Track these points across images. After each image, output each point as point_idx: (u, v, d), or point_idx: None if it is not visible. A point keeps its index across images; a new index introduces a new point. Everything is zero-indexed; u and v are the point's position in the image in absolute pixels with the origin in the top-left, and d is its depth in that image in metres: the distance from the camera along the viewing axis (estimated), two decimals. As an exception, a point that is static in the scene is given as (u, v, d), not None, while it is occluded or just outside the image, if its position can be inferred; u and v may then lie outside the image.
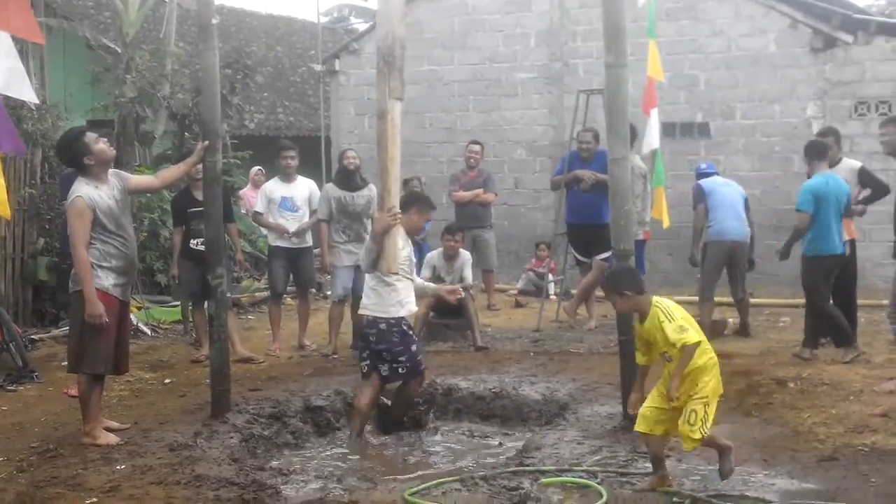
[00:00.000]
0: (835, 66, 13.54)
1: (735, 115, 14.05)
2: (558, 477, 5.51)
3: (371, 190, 9.50)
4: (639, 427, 5.35)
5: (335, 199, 9.48)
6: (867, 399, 7.13)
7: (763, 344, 9.50)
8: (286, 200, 9.79)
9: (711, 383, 5.22)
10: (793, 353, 8.57)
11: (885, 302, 7.94)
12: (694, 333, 5.14)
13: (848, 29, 13.50)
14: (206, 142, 6.90)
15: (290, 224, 9.75)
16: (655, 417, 5.26)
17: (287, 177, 9.91)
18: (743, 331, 10.04)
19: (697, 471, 5.65)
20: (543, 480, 5.44)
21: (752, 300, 12.06)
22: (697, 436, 5.10)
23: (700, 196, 10.02)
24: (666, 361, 5.27)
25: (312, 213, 9.86)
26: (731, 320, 10.52)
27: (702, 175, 10.35)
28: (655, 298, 5.36)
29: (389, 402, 7.30)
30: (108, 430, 6.53)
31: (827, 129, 9.69)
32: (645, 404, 5.34)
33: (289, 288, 10.79)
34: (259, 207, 9.93)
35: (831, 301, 8.63)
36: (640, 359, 5.48)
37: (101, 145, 6.50)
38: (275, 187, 9.91)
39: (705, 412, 5.14)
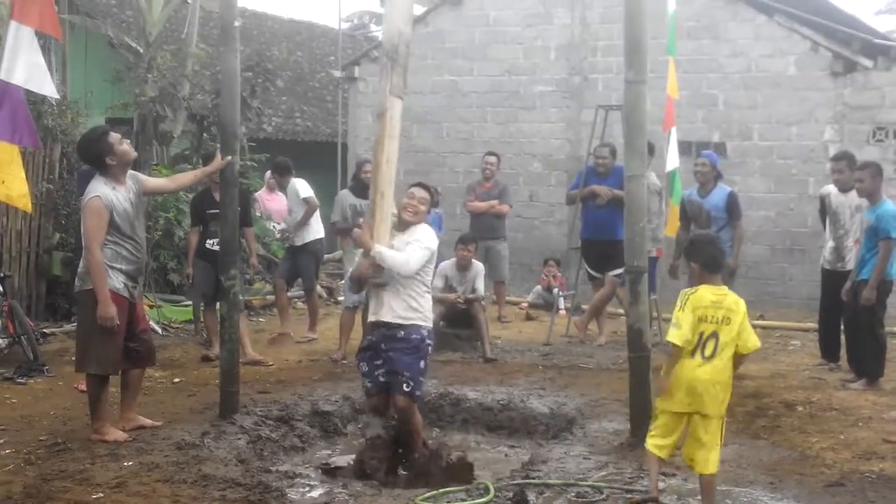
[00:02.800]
0: (854, 91, 13.52)
1: (752, 135, 14.03)
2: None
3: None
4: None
5: (350, 206, 9.55)
6: (876, 426, 7.12)
7: (773, 367, 9.47)
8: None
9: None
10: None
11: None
12: (674, 333, 5.16)
13: (868, 54, 13.48)
14: (229, 157, 6.93)
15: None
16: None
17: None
18: None
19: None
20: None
21: (763, 322, 12.06)
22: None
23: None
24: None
25: (302, 203, 10.50)
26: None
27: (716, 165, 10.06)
28: (713, 288, 5.27)
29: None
30: (141, 427, 6.58)
31: (842, 154, 9.67)
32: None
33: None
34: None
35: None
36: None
37: (124, 146, 6.54)
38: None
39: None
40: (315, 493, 5.53)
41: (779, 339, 11.28)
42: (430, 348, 6.32)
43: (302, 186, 10.46)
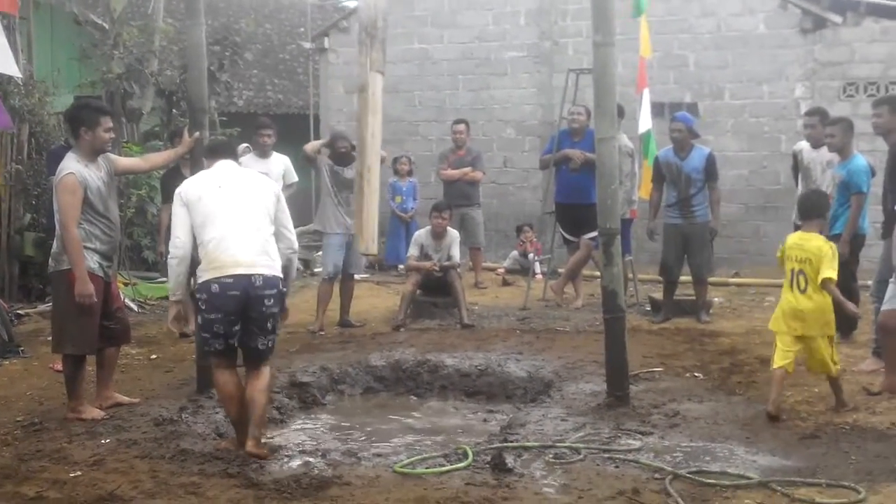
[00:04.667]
0: (824, 47, 13.55)
1: (724, 95, 14.06)
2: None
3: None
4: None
5: (327, 166, 9.57)
6: (849, 378, 7.17)
7: (748, 323, 9.55)
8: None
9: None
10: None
11: (870, 282, 7.97)
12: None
13: (837, 10, 13.50)
14: (197, 133, 6.88)
15: None
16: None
17: (263, 153, 10.06)
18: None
19: (679, 447, 5.69)
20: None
21: (738, 280, 12.16)
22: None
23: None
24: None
25: (287, 187, 10.01)
26: (716, 299, 10.57)
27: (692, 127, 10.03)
28: (802, 233, 6.45)
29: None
30: (119, 404, 6.57)
31: (814, 110, 9.72)
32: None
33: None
34: None
35: None
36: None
37: (106, 136, 6.46)
38: (251, 163, 10.00)
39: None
40: (294, 464, 5.53)
41: (754, 296, 11.38)
42: (202, 304, 5.72)
43: (289, 168, 10.30)
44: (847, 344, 8.34)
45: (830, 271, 6.15)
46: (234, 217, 5.70)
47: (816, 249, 6.22)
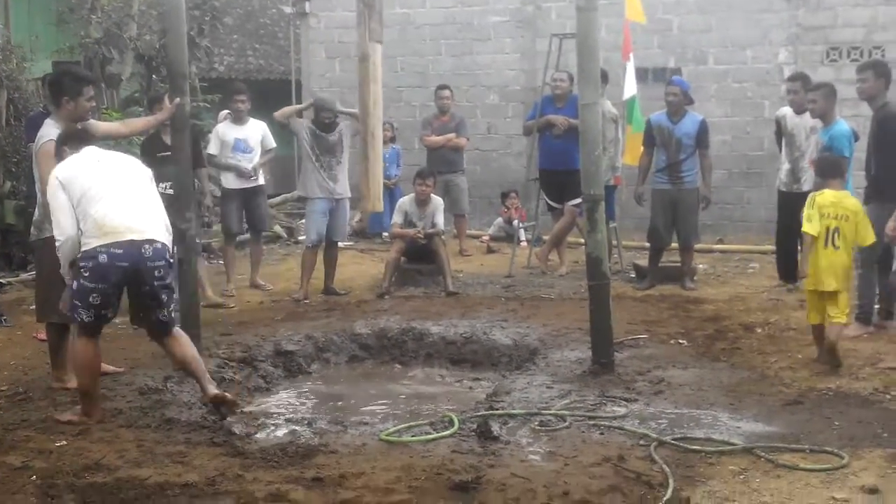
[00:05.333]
0: (807, 12, 13.50)
1: (707, 60, 14.00)
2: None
3: (344, 125, 9.76)
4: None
5: (308, 130, 9.58)
6: (833, 344, 7.22)
7: (732, 290, 9.59)
8: (240, 142, 9.95)
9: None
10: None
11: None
12: (808, 226, 6.68)
13: (821, -26, 13.45)
14: (178, 99, 6.82)
15: (243, 164, 9.91)
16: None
17: (239, 119, 10.03)
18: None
19: (664, 414, 5.71)
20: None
21: (722, 246, 12.19)
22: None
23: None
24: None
25: (265, 153, 10.11)
26: (700, 266, 10.60)
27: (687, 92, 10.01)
28: (834, 192, 6.85)
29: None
30: (104, 373, 6.50)
31: (797, 75, 9.73)
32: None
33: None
34: (212, 149, 9.99)
35: None
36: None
37: (88, 104, 6.39)
38: (227, 129, 10.04)
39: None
40: (280, 433, 5.54)
41: (738, 262, 11.41)
42: (84, 271, 5.50)
43: (267, 134, 10.23)
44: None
45: (872, 235, 6.82)
46: (121, 187, 5.67)
47: (854, 207, 6.82)
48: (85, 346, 5.64)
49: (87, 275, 5.49)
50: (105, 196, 5.56)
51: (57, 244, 5.62)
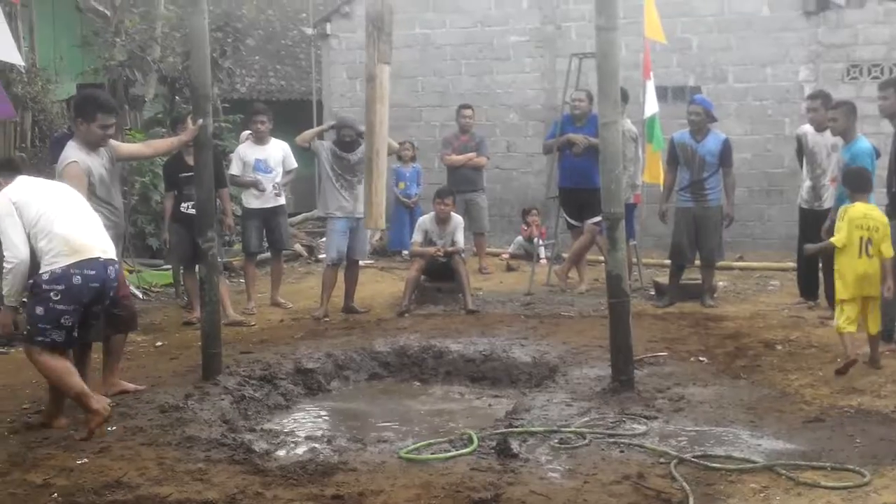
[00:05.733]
0: (827, 30, 13.49)
1: (727, 78, 14.01)
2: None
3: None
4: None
5: (329, 151, 9.64)
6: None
7: (753, 307, 9.56)
8: (260, 162, 10.02)
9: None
10: None
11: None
12: (836, 238, 7.12)
13: (841, -8, 13.44)
14: (201, 120, 6.88)
15: (266, 186, 9.97)
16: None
17: (260, 140, 10.11)
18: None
19: (684, 432, 5.69)
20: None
21: (742, 263, 12.15)
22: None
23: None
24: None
25: (287, 173, 10.20)
26: (720, 283, 10.57)
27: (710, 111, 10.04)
28: (865, 205, 7.19)
29: None
30: (124, 391, 6.57)
31: (817, 93, 9.71)
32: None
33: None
34: (234, 170, 10.07)
35: None
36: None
37: (100, 131, 6.44)
38: (248, 150, 10.12)
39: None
40: (300, 451, 5.55)
41: (758, 280, 11.38)
42: (54, 294, 5.57)
43: (288, 154, 10.31)
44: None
45: (891, 249, 7.05)
46: (74, 208, 5.79)
47: (882, 219, 7.12)
48: (50, 359, 5.69)
49: (58, 297, 5.56)
50: (65, 215, 5.67)
51: (8, 266, 5.62)
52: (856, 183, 7.40)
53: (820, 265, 9.08)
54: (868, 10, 13.31)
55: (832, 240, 7.17)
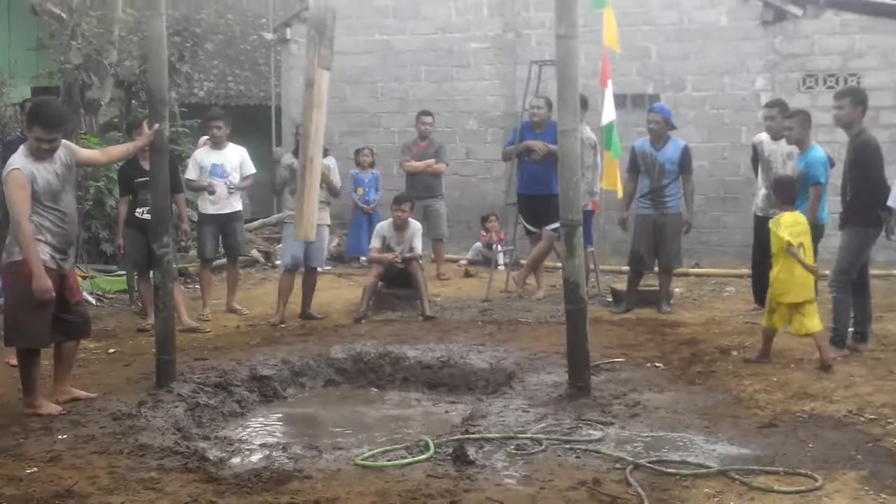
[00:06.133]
0: (784, 40, 13.64)
1: (686, 87, 14.12)
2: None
3: (330, 160, 9.70)
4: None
5: (287, 168, 9.52)
6: (807, 367, 7.29)
7: (708, 313, 9.62)
8: (217, 167, 9.95)
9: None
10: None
11: (828, 272, 8.05)
12: (788, 240, 7.27)
13: (798, 2, 13.58)
14: (157, 125, 6.80)
15: (219, 190, 9.89)
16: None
17: (217, 144, 10.06)
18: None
19: (640, 437, 5.71)
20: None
21: (698, 270, 12.23)
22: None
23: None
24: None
25: (244, 179, 10.13)
26: (677, 290, 10.63)
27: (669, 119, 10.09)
28: (792, 213, 7.49)
29: None
30: (76, 399, 6.47)
31: (774, 101, 9.82)
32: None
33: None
34: (190, 174, 9.98)
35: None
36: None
37: (36, 144, 6.22)
38: (205, 155, 10.06)
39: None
40: (254, 458, 5.49)
41: (714, 286, 11.46)
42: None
43: (246, 159, 10.23)
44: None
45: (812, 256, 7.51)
46: None
47: (806, 225, 7.45)
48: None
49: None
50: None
51: None
52: (786, 193, 7.66)
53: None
54: (824, 20, 13.48)
55: (787, 240, 7.26)
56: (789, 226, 7.31)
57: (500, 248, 12.36)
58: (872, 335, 8.07)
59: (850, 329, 7.80)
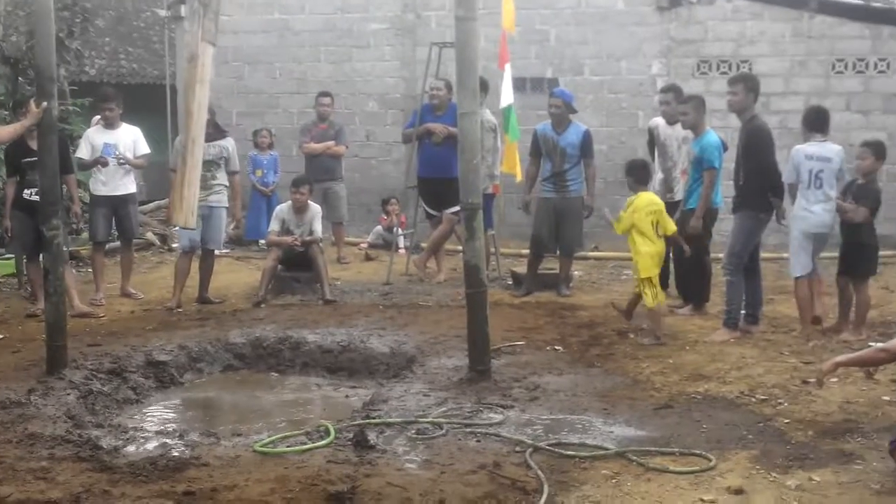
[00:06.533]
0: (679, 25, 13.86)
1: (584, 71, 14.24)
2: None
3: (228, 141, 9.68)
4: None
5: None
6: (702, 349, 7.45)
7: (607, 296, 9.74)
8: (109, 147, 9.68)
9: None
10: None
11: (722, 255, 8.24)
12: (617, 225, 8.08)
13: (692, -12, 13.83)
14: (45, 103, 6.57)
15: (112, 171, 9.62)
16: None
17: (110, 125, 9.79)
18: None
19: (540, 420, 5.76)
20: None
21: (597, 253, 12.39)
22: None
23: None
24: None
25: (138, 158, 9.87)
26: (576, 273, 10.75)
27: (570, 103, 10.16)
28: (646, 193, 8.11)
29: None
30: None
31: (669, 86, 9.98)
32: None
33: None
34: (82, 154, 9.68)
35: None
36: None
37: None
38: (97, 134, 9.81)
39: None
40: (150, 446, 5.37)
41: (613, 269, 11.62)
42: None
43: (140, 139, 9.97)
44: (700, 316, 8.64)
45: (672, 225, 8.03)
46: None
47: (659, 204, 8.01)
48: None
49: None
50: None
51: None
52: (639, 174, 8.19)
53: (671, 257, 9.34)
54: (717, 7, 13.73)
55: (616, 227, 8.10)
56: (645, 206, 7.84)
57: (400, 231, 12.33)
58: (763, 317, 8.29)
59: (743, 311, 7.99)
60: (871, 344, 6.78)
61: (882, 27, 13.21)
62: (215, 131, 9.37)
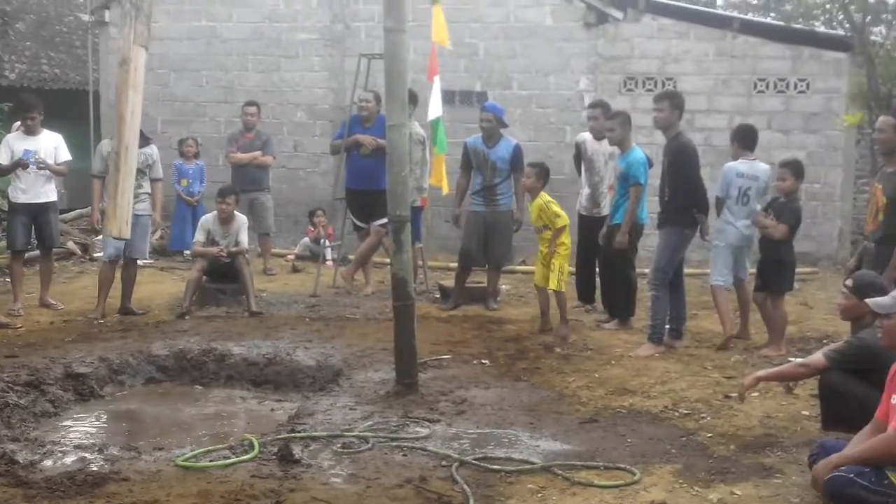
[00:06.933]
0: (606, 42, 14.03)
1: (512, 85, 14.33)
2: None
3: (151, 149, 9.56)
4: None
5: (106, 155, 9.15)
6: (627, 363, 7.53)
7: (533, 310, 9.77)
8: (30, 153, 9.44)
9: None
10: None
11: (647, 270, 8.34)
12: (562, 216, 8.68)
13: (619, 6, 13.98)
14: None
15: (32, 178, 9.39)
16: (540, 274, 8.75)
17: (31, 131, 9.56)
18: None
19: (466, 434, 5.76)
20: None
21: (524, 267, 12.45)
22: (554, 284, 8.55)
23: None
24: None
25: (59, 165, 9.63)
26: (503, 287, 10.78)
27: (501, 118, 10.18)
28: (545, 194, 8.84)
29: None
30: None
31: (597, 102, 10.07)
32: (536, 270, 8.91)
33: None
34: (0, 159, 9.44)
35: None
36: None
37: None
38: (17, 141, 9.58)
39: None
40: (68, 461, 5.25)
41: (539, 283, 11.65)
42: None
43: (61, 146, 9.75)
44: (625, 330, 8.73)
45: (562, 219, 8.74)
46: None
47: (554, 203, 8.85)
48: None
49: None
50: None
51: None
52: (545, 179, 8.96)
53: (597, 270, 9.44)
54: (643, 25, 13.93)
55: (559, 220, 8.67)
56: (547, 203, 8.74)
57: (328, 243, 12.26)
58: (687, 332, 8.41)
59: (667, 326, 8.09)
60: (790, 359, 6.96)
61: (802, 48, 13.52)
62: (139, 139, 9.21)
